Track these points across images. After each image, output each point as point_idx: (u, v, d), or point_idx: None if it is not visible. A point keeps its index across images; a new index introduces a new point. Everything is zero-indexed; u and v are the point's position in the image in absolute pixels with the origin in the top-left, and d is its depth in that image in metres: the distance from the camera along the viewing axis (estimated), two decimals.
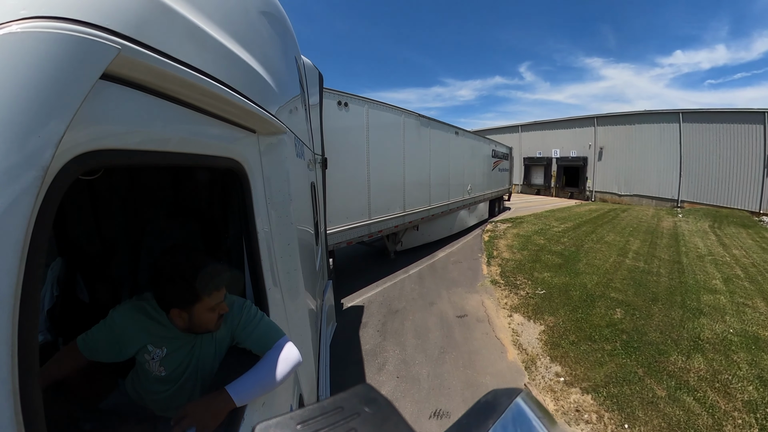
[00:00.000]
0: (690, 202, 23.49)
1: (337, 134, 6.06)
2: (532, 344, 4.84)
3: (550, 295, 6.60)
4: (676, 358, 4.51)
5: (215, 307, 1.14)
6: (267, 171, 1.27)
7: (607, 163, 27.79)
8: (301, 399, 1.48)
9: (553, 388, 3.87)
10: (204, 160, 0.90)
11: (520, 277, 7.66)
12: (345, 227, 6.60)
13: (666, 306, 6.31)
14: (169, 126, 0.72)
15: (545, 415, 0.48)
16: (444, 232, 11.31)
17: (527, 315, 5.76)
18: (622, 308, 6.06)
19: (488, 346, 4.82)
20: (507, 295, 6.66)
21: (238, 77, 0.92)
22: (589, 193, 28.83)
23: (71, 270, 1.80)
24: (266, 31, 1.39)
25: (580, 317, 5.66)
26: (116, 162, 0.58)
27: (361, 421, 0.34)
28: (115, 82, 0.55)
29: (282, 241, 1.38)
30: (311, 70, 3.97)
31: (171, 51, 0.61)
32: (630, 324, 5.46)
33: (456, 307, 6.14)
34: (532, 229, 12.86)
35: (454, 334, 5.13)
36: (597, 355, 4.49)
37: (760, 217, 19.67)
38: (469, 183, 12.55)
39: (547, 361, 4.42)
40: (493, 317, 5.72)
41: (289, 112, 1.70)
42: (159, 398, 1.24)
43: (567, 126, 30.18)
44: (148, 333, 1.17)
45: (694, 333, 5.24)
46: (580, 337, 5.00)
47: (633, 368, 4.23)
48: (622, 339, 4.94)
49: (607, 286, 7.17)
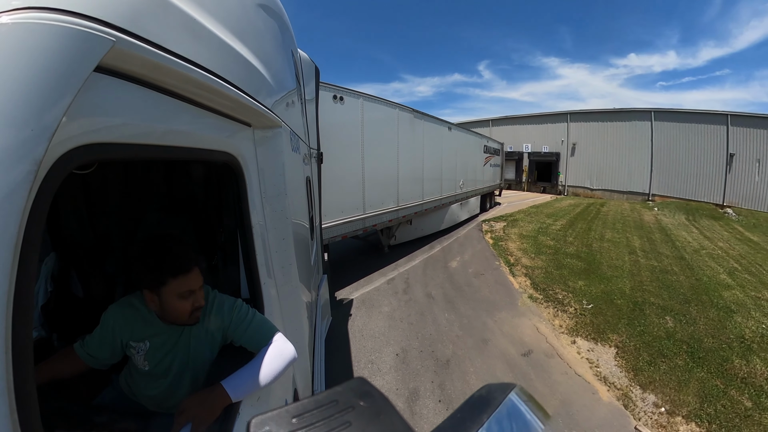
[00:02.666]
0: (660, 196, 25.00)
1: (332, 128, 6.02)
2: (615, 374, 4.42)
3: (599, 308, 6.22)
4: (739, 362, 4.65)
5: (185, 295, 1.12)
6: (262, 165, 1.27)
7: (579, 158, 28.72)
8: (296, 393, 1.48)
9: (661, 423, 3.63)
10: (198, 154, 0.90)
11: (556, 288, 7.11)
12: (340, 221, 6.59)
13: (700, 307, 6.48)
14: (163, 119, 0.71)
15: (539, 409, 0.49)
16: (436, 226, 11.37)
17: (590, 337, 5.26)
18: (669, 315, 6.09)
19: (576, 389, 4.11)
20: (555, 314, 6.03)
21: (234, 70, 0.91)
22: (561, 187, 29.57)
23: (65, 265, 1.78)
24: (262, 24, 1.37)
25: (641, 331, 5.48)
26: (110, 156, 0.57)
27: (355, 415, 0.34)
28: (110, 75, 0.54)
29: (277, 235, 1.37)
30: (307, 63, 3.93)
31: (166, 43, 0.60)
32: (684, 332, 5.51)
33: (514, 341, 5.08)
34: (532, 229, 12.79)
35: (535, 384, 4.14)
36: (677, 374, 4.40)
37: (724, 209, 21.52)
38: (461, 178, 12.63)
39: (639, 391, 4.10)
40: (558, 348, 4.97)
41: (284, 106, 1.69)
42: (150, 395, 1.24)
43: (539, 122, 30.67)
44: (133, 328, 1.18)
45: (738, 333, 5.48)
46: (652, 354, 4.82)
47: (712, 381, 4.26)
48: (686, 350, 4.95)
49: (642, 291, 7.17)
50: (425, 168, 9.76)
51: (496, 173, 18.43)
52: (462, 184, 12.72)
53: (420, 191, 9.58)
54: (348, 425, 0.33)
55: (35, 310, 1.60)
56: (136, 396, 1.27)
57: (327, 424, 0.33)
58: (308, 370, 1.95)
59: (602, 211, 19.09)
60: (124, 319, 1.18)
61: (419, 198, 9.54)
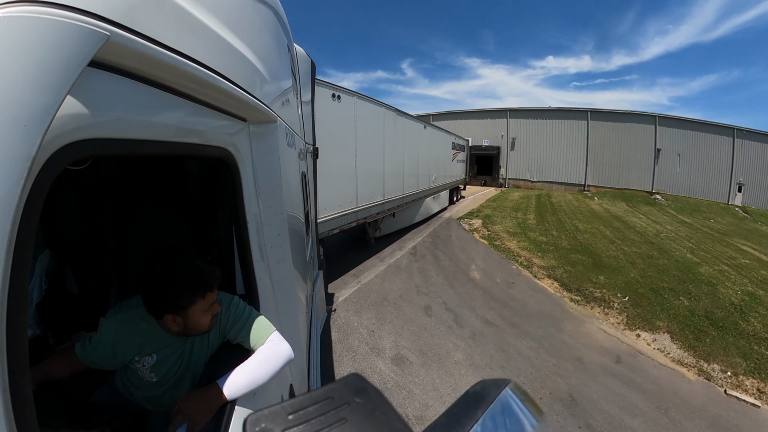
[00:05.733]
0: (595, 186, 28.20)
1: (330, 125, 6.20)
2: (682, 356, 5.09)
3: (634, 300, 6.75)
4: (744, 324, 5.89)
5: (209, 308, 1.12)
6: (257, 160, 1.24)
7: (519, 152, 30.61)
8: (291, 389, 1.47)
9: (734, 383, 4.51)
10: (194, 149, 0.87)
11: (586, 285, 7.38)
12: (336, 214, 6.71)
13: (693, 284, 7.60)
14: (159, 114, 0.69)
15: (533, 406, 0.49)
16: (414, 218, 11.97)
17: (646, 328, 5.80)
18: (681, 296, 6.99)
19: (670, 378, 4.60)
20: (606, 312, 6.33)
21: (229, 65, 0.89)
22: (502, 180, 30.87)
23: (60, 262, 1.73)
24: (258, 19, 1.34)
25: (673, 314, 6.21)
26: (105, 151, 0.55)
27: (351, 411, 0.34)
28: (104, 70, 0.52)
29: (272, 230, 1.35)
30: (303, 58, 3.89)
31: (161, 38, 0.58)
32: (698, 308, 6.49)
33: (599, 351, 5.10)
34: (513, 225, 13.07)
35: (645, 385, 4.39)
36: (717, 343, 5.34)
37: (654, 195, 25.38)
38: (434, 173, 13.21)
39: (706, 364, 4.89)
40: (634, 345, 5.34)
41: (280, 101, 1.65)
42: (150, 396, 1.22)
43: (479, 117, 31.90)
44: (138, 344, 1.14)
45: (729, 301, 6.84)
46: (693, 332, 5.63)
47: (739, 342, 5.38)
48: (710, 323, 5.92)
49: (649, 277, 7.92)
50: (405, 163, 10.18)
51: (462, 168, 19.20)
52: (434, 179, 13.32)
53: (401, 185, 9.96)
54: (344, 422, 0.33)
55: (30, 308, 1.55)
56: (133, 395, 1.25)
57: (323, 421, 0.33)
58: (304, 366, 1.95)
59: (554, 202, 20.14)
60: (127, 335, 1.13)
61: (401, 192, 9.93)
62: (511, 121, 30.66)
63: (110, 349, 1.13)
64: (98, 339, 1.14)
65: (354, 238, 9.62)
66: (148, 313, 1.11)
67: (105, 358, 1.15)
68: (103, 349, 1.13)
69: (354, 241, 9.60)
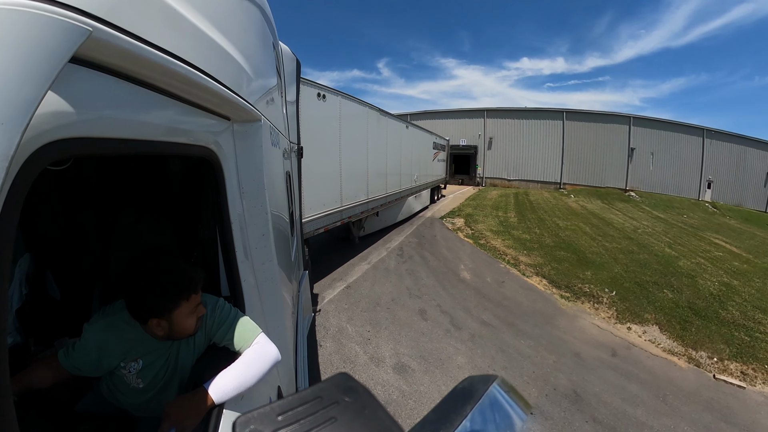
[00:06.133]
0: (570, 184, 29.10)
1: (315, 124, 6.21)
2: (672, 345, 5.43)
3: (621, 294, 7.05)
4: (723, 313, 6.40)
5: (194, 311, 1.10)
6: (241, 159, 1.23)
7: (496, 151, 31.35)
8: (279, 391, 1.45)
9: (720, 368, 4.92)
10: (177, 149, 0.86)
11: (574, 282, 7.60)
12: (321, 214, 6.68)
13: (675, 277, 8.05)
14: (142, 113, 0.67)
15: (521, 400, 0.49)
16: (397, 217, 12.11)
17: (636, 321, 6.08)
18: (665, 288, 7.39)
19: (664, 367, 4.89)
20: (596, 307, 6.57)
21: (214, 63, 0.87)
22: (479, 179, 31.49)
23: (40, 266, 1.65)
24: (244, 16, 1.32)
25: (659, 306, 6.57)
26: (87, 151, 0.53)
27: (340, 410, 0.34)
28: (86, 67, 0.50)
29: (256, 231, 1.33)
30: (289, 57, 3.84)
31: (145, 34, 0.56)
32: (681, 299, 6.94)
33: (595, 345, 5.32)
34: (495, 223, 13.27)
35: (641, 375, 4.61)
36: (702, 331, 5.75)
37: (628, 192, 26.39)
38: (415, 172, 13.34)
39: (694, 352, 5.26)
40: (626, 338, 5.61)
41: (265, 100, 1.63)
42: (137, 402, 1.19)
43: (457, 116, 32.44)
44: (123, 349, 1.11)
45: (708, 291, 7.33)
46: (679, 322, 6.02)
47: (722, 330, 5.81)
48: (693, 313, 6.37)
49: (632, 272, 8.30)
50: (388, 163, 10.25)
51: (442, 167, 19.41)
52: (416, 178, 13.45)
53: (384, 184, 10.01)
54: (333, 421, 0.33)
55: (10, 315, 1.47)
56: (119, 402, 1.22)
57: (312, 421, 0.33)
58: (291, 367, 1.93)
59: (532, 200, 20.65)
60: (112, 341, 1.10)
61: (384, 191, 9.98)
62: (489, 121, 31.33)
63: (95, 356, 1.10)
64: (82, 345, 1.10)
65: (338, 237, 9.59)
66: (132, 317, 1.08)
67: (89, 365, 1.11)
68: (87, 356, 1.10)
69: (338, 241, 9.57)
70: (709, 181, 27.75)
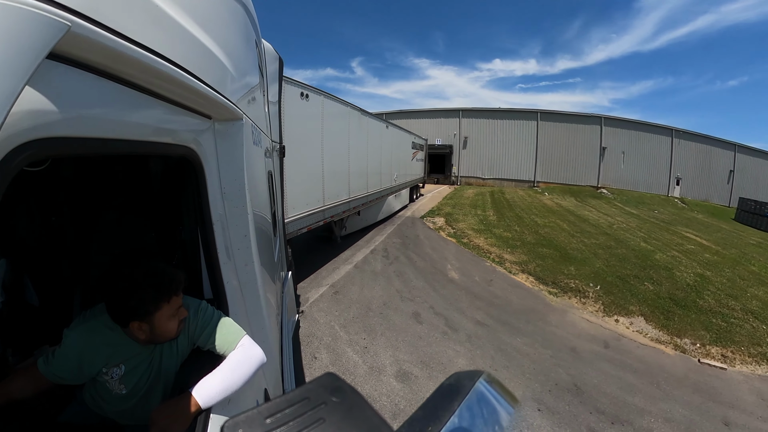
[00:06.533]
0: (544, 182, 29.85)
1: (298, 124, 6.19)
2: (658, 335, 5.73)
3: (605, 288, 7.30)
4: (701, 302, 6.84)
5: (175, 313, 1.07)
6: (222, 159, 1.21)
7: (471, 151, 31.68)
8: (266, 393, 1.43)
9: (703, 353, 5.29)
10: (158, 148, 0.84)
11: (559, 278, 7.77)
12: (304, 213, 6.64)
13: (653, 270, 8.44)
14: (122, 112, 0.65)
15: (507, 395, 0.49)
16: (377, 216, 12.17)
17: (622, 313, 6.35)
18: (645, 281, 7.72)
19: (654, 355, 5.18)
20: (582, 302, 6.75)
21: (196, 61, 0.85)
22: (455, 178, 31.91)
23: (17, 272, 1.58)
24: (227, 13, 1.29)
25: (642, 298, 6.88)
26: (65, 151, 0.51)
27: (328, 410, 0.34)
28: (64, 63, 0.48)
29: (238, 232, 1.31)
30: (271, 54, 3.78)
31: (126, 31, 0.54)
32: (662, 291, 7.28)
33: (587, 338, 5.52)
34: (476, 222, 13.37)
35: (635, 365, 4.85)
36: (684, 320, 6.15)
37: (600, 189, 27.65)
38: (395, 172, 13.49)
39: (679, 339, 5.60)
40: (615, 330, 5.84)
41: (246, 99, 1.60)
42: (121, 409, 1.16)
43: (432, 116, 32.89)
44: (105, 354, 1.08)
45: (685, 282, 7.77)
46: (663, 312, 6.36)
47: (701, 317, 6.26)
48: (674, 303, 6.72)
49: (613, 266, 8.62)
50: (369, 162, 10.32)
51: (421, 167, 19.64)
52: (396, 177, 13.60)
53: (365, 183, 10.06)
54: (322, 422, 0.33)
55: None
56: (104, 410, 1.18)
57: (301, 422, 0.32)
58: (278, 369, 1.91)
59: (508, 198, 21.08)
60: (93, 346, 1.07)
61: (365, 190, 10.02)
62: (464, 121, 31.67)
63: (76, 362, 1.06)
64: (62, 352, 1.06)
65: (320, 237, 9.51)
66: (113, 321, 1.05)
67: (71, 372, 1.08)
68: (68, 363, 1.06)
69: (320, 241, 9.48)
70: (678, 178, 29.21)
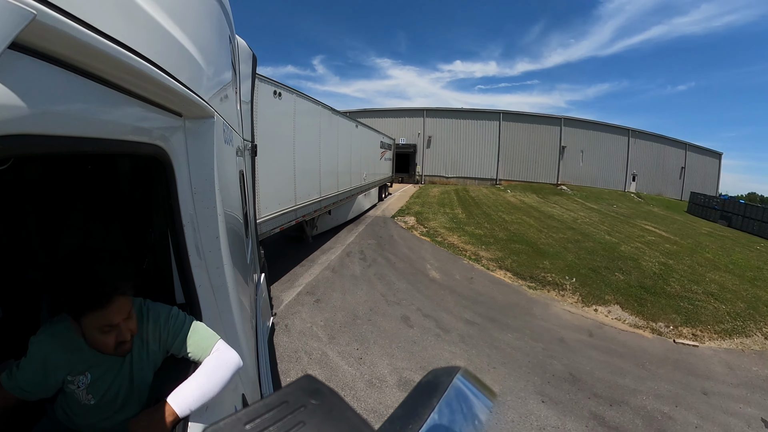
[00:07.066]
0: (506, 180, 31.05)
1: (270, 123, 6.11)
2: (635, 320, 6.25)
3: (581, 281, 7.69)
4: (668, 288, 7.50)
5: (106, 329, 0.96)
6: (193, 158, 1.17)
7: (435, 150, 32.43)
8: (244, 398, 1.40)
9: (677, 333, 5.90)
10: (126, 147, 0.80)
11: (536, 272, 8.05)
12: (276, 213, 6.54)
13: (621, 261, 9.03)
14: (91, 108, 0.61)
15: (485, 389, 0.50)
16: (348, 215, 12.25)
17: (599, 303, 6.81)
18: (615, 272, 8.30)
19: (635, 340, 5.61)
20: (561, 294, 7.12)
21: (168, 56, 0.81)
22: (419, 177, 32.64)
23: None
24: (201, 7, 1.25)
25: (615, 288, 7.38)
26: (28, 150, 0.48)
27: (308, 413, 0.34)
28: (28, 55, 0.44)
29: (210, 233, 1.27)
30: (245, 51, 3.68)
31: (95, 22, 0.51)
32: (632, 280, 7.82)
33: (573, 329, 5.79)
34: (446, 220, 13.55)
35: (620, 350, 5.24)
36: (656, 305, 6.71)
37: (560, 186, 28.92)
38: (365, 171, 13.60)
39: (654, 324, 6.13)
40: (596, 319, 6.25)
41: (219, 96, 1.55)
42: (94, 422, 1.10)
43: (397, 116, 33.45)
44: (69, 360, 1.01)
45: (651, 271, 8.44)
46: (636, 300, 6.89)
47: (671, 302, 6.86)
48: (644, 291, 7.26)
49: (584, 259, 9.14)
50: (339, 161, 10.37)
51: (389, 166, 19.93)
52: (366, 176, 13.70)
53: (336, 183, 10.08)
54: (302, 425, 0.33)
55: None
56: (76, 425, 1.11)
57: (281, 426, 0.32)
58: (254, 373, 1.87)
59: (473, 196, 21.63)
60: (57, 351, 1.00)
61: (335, 189, 10.03)
62: (428, 120, 32.35)
63: (40, 370, 1.00)
64: (27, 361, 1.00)
65: (291, 237, 9.33)
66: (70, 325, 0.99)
67: (36, 383, 1.01)
68: (32, 372, 1.00)
69: (292, 241, 9.33)
70: (634, 174, 31.46)
